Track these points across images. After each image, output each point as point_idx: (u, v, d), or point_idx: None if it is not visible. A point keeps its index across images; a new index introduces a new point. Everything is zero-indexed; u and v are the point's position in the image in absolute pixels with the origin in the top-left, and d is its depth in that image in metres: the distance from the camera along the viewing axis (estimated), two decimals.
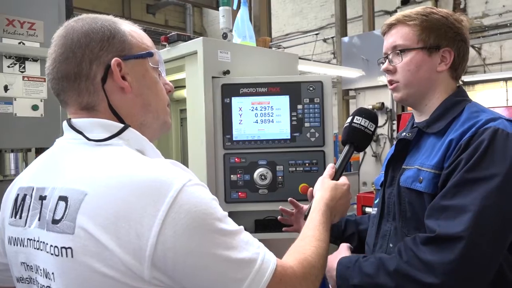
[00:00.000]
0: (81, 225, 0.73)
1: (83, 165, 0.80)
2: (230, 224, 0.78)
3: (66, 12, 1.86)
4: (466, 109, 1.17)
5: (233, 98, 1.64)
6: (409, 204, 1.16)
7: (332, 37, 8.64)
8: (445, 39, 1.19)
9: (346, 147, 1.25)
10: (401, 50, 1.21)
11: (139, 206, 0.71)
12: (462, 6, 10.53)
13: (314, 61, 6.64)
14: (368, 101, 5.96)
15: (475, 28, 10.33)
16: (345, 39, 6.61)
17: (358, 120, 1.22)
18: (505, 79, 9.87)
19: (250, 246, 0.78)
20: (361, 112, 1.24)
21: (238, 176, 1.63)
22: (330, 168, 1.21)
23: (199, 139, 1.63)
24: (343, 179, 1.20)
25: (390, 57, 1.24)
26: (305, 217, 1.10)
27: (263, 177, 1.62)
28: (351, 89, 7.12)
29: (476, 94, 10.41)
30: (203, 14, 15.45)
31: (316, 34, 6.84)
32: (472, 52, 10.51)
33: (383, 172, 1.32)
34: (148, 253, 0.70)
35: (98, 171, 0.77)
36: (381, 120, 5.88)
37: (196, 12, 15.07)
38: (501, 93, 10.13)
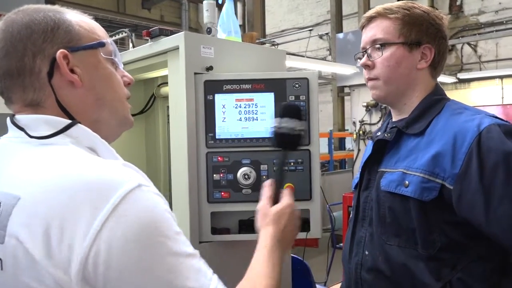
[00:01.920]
0: (12, 234, 0.66)
1: (21, 166, 0.73)
2: (182, 245, 0.70)
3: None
4: (445, 108, 1.13)
5: (216, 95, 1.59)
6: (390, 209, 1.11)
7: (327, 33, 8.58)
8: (426, 35, 1.15)
9: (281, 153, 1.09)
10: (381, 44, 1.16)
11: (76, 212, 0.64)
12: (458, 3, 10.50)
13: (307, 57, 6.58)
14: (362, 98, 5.92)
15: (471, 25, 10.31)
16: (340, 35, 6.57)
17: (280, 122, 1.03)
18: (501, 77, 9.86)
19: (201, 276, 0.70)
20: (283, 111, 1.05)
21: (221, 175, 1.59)
22: (267, 189, 1.03)
23: (180, 137, 1.58)
24: (286, 200, 1.01)
25: (369, 51, 1.19)
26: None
27: (246, 176, 1.57)
28: (345, 86, 7.08)
29: (471, 92, 10.40)
30: (199, 9, 15.35)
31: (310, 30, 6.78)
32: (468, 49, 10.50)
33: (359, 173, 1.28)
34: (78, 267, 0.62)
35: (35, 173, 0.70)
36: (376, 117, 5.85)
37: (192, 7, 14.97)
38: (497, 91, 10.12)
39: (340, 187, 6.39)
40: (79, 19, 0.83)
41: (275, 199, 1.00)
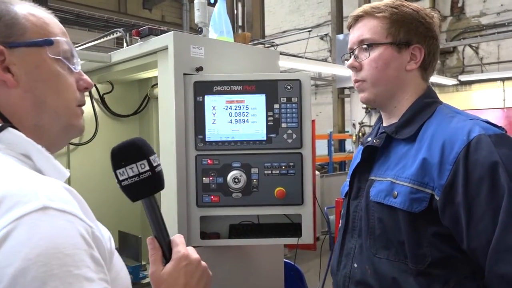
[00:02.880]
0: None
1: None
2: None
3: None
4: (437, 112, 1.08)
5: (206, 96, 1.55)
6: (379, 220, 1.06)
7: (326, 34, 8.54)
8: (416, 35, 1.10)
9: (143, 204, 0.85)
10: (368, 45, 1.10)
11: None
12: (460, 4, 10.45)
13: (306, 58, 6.54)
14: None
15: (472, 27, 10.26)
16: (340, 36, 6.54)
17: (123, 174, 0.80)
18: (502, 79, 9.81)
19: None
20: (119, 159, 0.81)
21: (211, 178, 1.55)
22: (152, 248, 0.82)
23: (169, 139, 1.54)
24: (177, 253, 0.81)
25: (356, 52, 1.14)
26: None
27: (236, 180, 1.53)
28: (345, 88, 7.04)
29: (472, 94, 10.35)
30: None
31: (309, 31, 6.74)
32: (469, 51, 10.45)
33: (348, 181, 1.22)
34: None
35: None
36: (375, 119, 5.79)
37: (193, 8, 14.92)
38: (498, 93, 10.06)
39: (339, 189, 6.35)
40: (28, 12, 0.75)
41: (168, 255, 0.82)
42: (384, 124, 1.19)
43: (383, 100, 1.14)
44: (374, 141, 1.13)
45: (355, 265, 1.11)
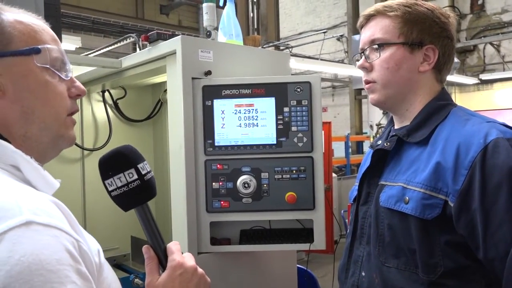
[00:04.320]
0: None
1: None
2: None
3: (46, 9, 1.77)
4: (451, 115, 1.03)
5: (215, 100, 1.53)
6: (389, 227, 1.01)
7: (342, 35, 8.46)
8: (429, 35, 1.05)
9: (136, 213, 0.83)
10: (379, 45, 1.06)
11: None
12: (480, 2, 10.23)
13: (321, 59, 6.48)
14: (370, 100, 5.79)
15: (493, 24, 10.02)
16: (356, 37, 6.46)
17: (111, 185, 0.78)
18: None
19: None
20: (105, 169, 0.79)
21: (220, 184, 1.53)
22: (147, 258, 0.80)
23: (178, 144, 1.53)
24: (173, 262, 0.79)
25: (366, 52, 1.10)
26: None
27: (246, 185, 1.50)
28: (362, 89, 6.95)
29: (494, 93, 10.10)
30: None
31: (324, 32, 6.67)
32: (490, 49, 10.21)
33: (357, 185, 1.18)
34: None
35: None
36: None
37: None
38: None
39: None
40: (15, 20, 0.73)
41: (164, 263, 0.81)
42: (396, 127, 1.15)
43: (395, 103, 1.10)
44: (385, 144, 1.08)
45: (363, 273, 1.07)
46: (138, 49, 2.14)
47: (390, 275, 1.00)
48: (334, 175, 6.10)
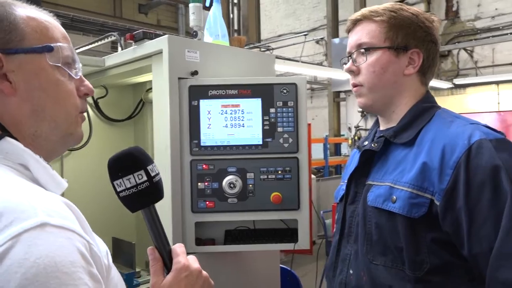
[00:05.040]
0: None
1: None
2: None
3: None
4: (436, 117, 1.07)
5: (201, 100, 1.53)
6: (376, 226, 1.04)
7: (322, 38, 8.56)
8: (414, 39, 1.08)
9: (142, 214, 0.83)
10: (366, 49, 1.09)
11: None
12: (454, 8, 10.51)
13: (302, 62, 6.54)
14: (358, 104, 5.89)
15: (467, 30, 10.31)
16: (336, 40, 6.54)
17: (120, 185, 0.78)
18: (497, 82, 9.86)
19: None
20: (115, 170, 0.79)
21: (206, 184, 1.53)
22: (152, 259, 0.81)
23: (164, 144, 1.52)
24: (178, 264, 0.79)
25: (354, 56, 1.13)
26: None
27: (232, 185, 1.51)
28: (341, 91, 7.05)
29: (467, 97, 10.39)
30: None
31: (305, 35, 6.74)
32: (464, 55, 10.50)
33: (344, 185, 1.20)
34: None
35: None
36: (371, 123, 5.79)
37: (188, 12, 14.91)
38: (493, 97, 10.11)
39: None
40: (28, 16, 0.73)
41: (169, 265, 0.81)
42: (381, 128, 1.17)
43: (381, 105, 1.13)
44: (372, 145, 1.11)
45: (351, 271, 1.09)
46: (120, 48, 2.12)
47: (378, 273, 1.02)
48: (313, 176, 6.15)
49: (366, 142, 1.18)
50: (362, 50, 1.10)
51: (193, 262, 0.82)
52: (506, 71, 9.71)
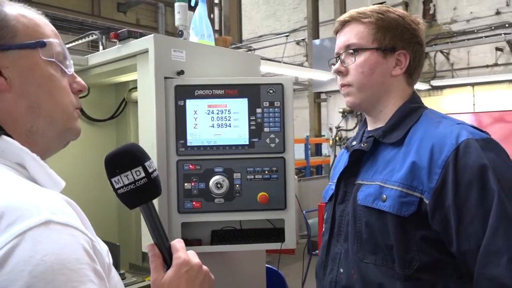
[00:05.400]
0: None
1: None
2: None
3: None
4: (423, 117, 1.09)
5: (187, 100, 1.52)
6: (366, 225, 1.05)
7: (303, 39, 8.62)
8: (401, 41, 1.11)
9: (141, 211, 0.82)
10: (354, 50, 1.11)
11: None
12: (431, 11, 10.73)
13: (284, 63, 6.58)
14: (339, 104, 5.95)
15: (443, 33, 10.55)
16: (316, 41, 6.60)
17: (118, 182, 0.77)
18: (472, 84, 10.11)
19: None
20: (113, 167, 0.77)
21: (193, 184, 1.52)
22: (152, 255, 0.80)
23: (150, 144, 1.50)
24: (178, 259, 0.78)
25: (342, 57, 1.14)
26: None
27: (219, 185, 1.51)
28: (322, 92, 7.11)
29: (444, 99, 10.62)
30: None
31: (287, 36, 6.78)
32: (440, 57, 10.73)
33: (332, 184, 1.21)
34: None
35: None
36: (352, 123, 5.89)
37: (168, 11, 14.81)
38: (468, 98, 10.36)
39: (317, 193, 6.38)
40: (18, 13, 0.73)
41: (169, 261, 0.80)
42: (369, 128, 1.19)
43: (369, 105, 1.15)
44: (362, 145, 1.12)
45: (341, 270, 1.10)
46: (101, 47, 2.09)
47: (368, 271, 1.04)
48: (294, 176, 6.18)
49: (355, 142, 1.19)
50: (351, 51, 1.12)
51: (193, 257, 0.81)
52: (481, 73, 9.98)
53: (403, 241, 0.99)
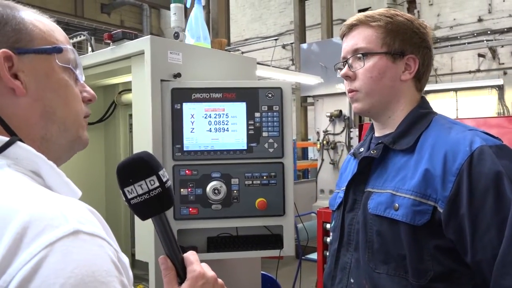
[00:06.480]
0: None
1: None
2: None
3: None
4: (433, 123, 1.07)
5: (184, 103, 1.48)
6: (378, 234, 1.02)
7: (291, 43, 8.64)
8: (410, 45, 1.08)
9: (153, 222, 0.79)
10: (363, 54, 1.08)
11: None
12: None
13: (273, 67, 6.57)
14: (326, 109, 5.96)
15: None
16: (304, 45, 6.60)
17: (131, 192, 0.74)
18: (455, 89, 10.27)
19: None
20: (125, 176, 0.74)
21: (189, 190, 1.48)
22: (165, 268, 0.77)
23: (145, 149, 1.45)
24: (192, 272, 0.76)
25: (350, 61, 1.11)
26: None
27: (216, 191, 1.47)
28: (309, 96, 7.11)
29: None
30: (160, 15, 15.11)
31: (275, 39, 6.79)
32: None
33: (340, 191, 1.18)
34: None
35: None
36: (339, 127, 5.90)
37: (153, 13, 14.70)
38: (452, 103, 10.52)
39: (304, 197, 6.37)
40: (34, 18, 0.72)
41: (182, 274, 0.78)
42: (377, 135, 1.17)
43: (378, 111, 1.12)
44: (371, 152, 1.10)
45: (352, 280, 1.07)
46: (90, 48, 2.04)
47: (381, 281, 1.01)
48: None
49: (362, 149, 1.16)
50: (359, 55, 1.09)
51: (208, 269, 0.79)
52: (464, 78, 10.15)
53: (416, 250, 0.97)
